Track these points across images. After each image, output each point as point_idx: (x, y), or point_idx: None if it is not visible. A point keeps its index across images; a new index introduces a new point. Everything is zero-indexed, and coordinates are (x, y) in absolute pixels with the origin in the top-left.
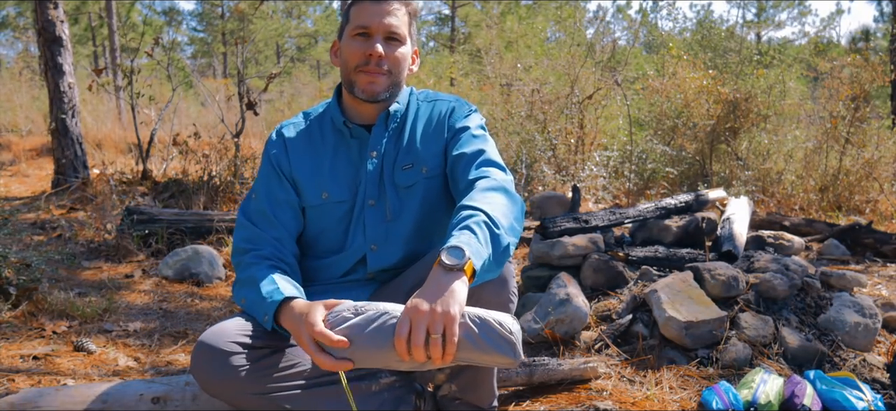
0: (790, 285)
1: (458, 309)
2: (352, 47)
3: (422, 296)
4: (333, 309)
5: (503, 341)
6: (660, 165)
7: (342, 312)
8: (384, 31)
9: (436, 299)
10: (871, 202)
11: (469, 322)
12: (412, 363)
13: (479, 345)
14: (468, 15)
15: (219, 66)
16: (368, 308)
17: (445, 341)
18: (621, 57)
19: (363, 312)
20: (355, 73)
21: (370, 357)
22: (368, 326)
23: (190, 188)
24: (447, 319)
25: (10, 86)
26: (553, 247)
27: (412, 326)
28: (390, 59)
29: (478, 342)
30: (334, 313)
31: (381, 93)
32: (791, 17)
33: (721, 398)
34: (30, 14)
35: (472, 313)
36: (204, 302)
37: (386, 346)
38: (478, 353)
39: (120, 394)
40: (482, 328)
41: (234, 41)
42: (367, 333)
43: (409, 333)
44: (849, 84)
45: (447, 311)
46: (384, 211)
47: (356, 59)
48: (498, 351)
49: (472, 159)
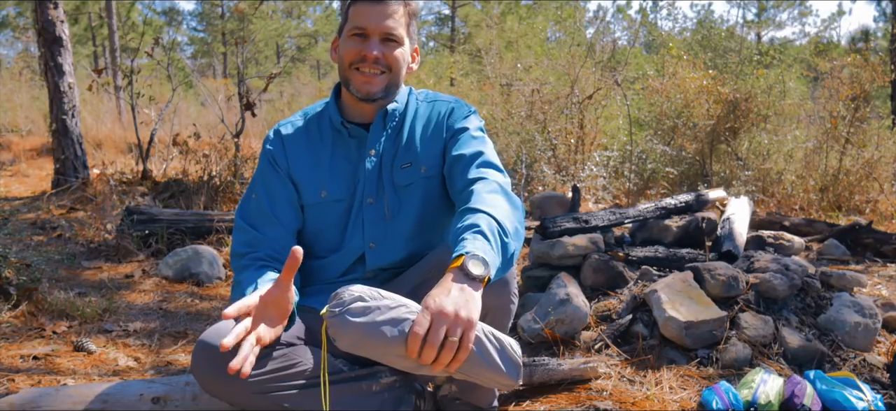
0: (790, 285)
1: (477, 318)
2: (348, 46)
3: (445, 298)
4: (349, 288)
5: (512, 363)
6: (660, 165)
7: (356, 292)
8: (381, 32)
9: (459, 304)
10: (871, 202)
11: (484, 337)
12: (410, 363)
13: (488, 361)
14: (468, 15)
15: (219, 66)
16: (384, 295)
17: (460, 347)
18: (621, 57)
19: (378, 297)
20: (350, 70)
21: (373, 346)
22: (384, 313)
23: (190, 188)
24: (467, 325)
25: (10, 86)
26: (553, 247)
27: (433, 326)
28: (387, 60)
29: (488, 357)
30: (346, 292)
31: (376, 93)
32: (791, 18)
33: (721, 398)
34: (30, 14)
35: (486, 329)
36: (204, 302)
37: (396, 339)
38: (484, 368)
39: (120, 394)
40: (495, 346)
41: (234, 41)
42: (381, 320)
43: (428, 331)
44: (849, 84)
45: (469, 318)
46: (383, 209)
47: (351, 58)
48: (505, 371)
49: (471, 160)
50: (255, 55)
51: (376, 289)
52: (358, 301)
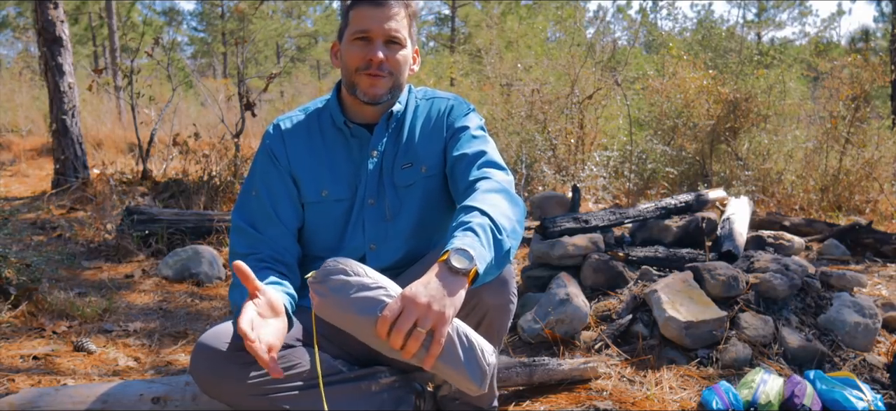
0: (790, 285)
1: (452, 314)
2: (352, 51)
3: (422, 288)
4: (335, 259)
5: (478, 368)
6: (660, 165)
7: (342, 265)
8: (384, 35)
9: (434, 296)
10: (871, 202)
11: (455, 336)
12: (383, 344)
13: (453, 360)
14: (468, 15)
15: (219, 66)
16: (369, 274)
17: (431, 341)
18: (621, 57)
19: (361, 275)
20: (357, 75)
21: (348, 320)
22: (361, 291)
23: (190, 188)
24: (439, 319)
25: (10, 86)
26: (553, 247)
27: (402, 312)
28: (391, 63)
29: (455, 356)
30: (333, 263)
31: (382, 95)
32: (791, 18)
33: (721, 398)
34: (30, 14)
35: (461, 329)
36: (204, 302)
37: (368, 317)
38: (449, 367)
39: (120, 394)
40: (464, 346)
41: (234, 41)
42: (356, 297)
43: (397, 318)
44: (849, 84)
45: (441, 312)
46: (383, 210)
47: (356, 63)
48: (469, 375)
49: (473, 160)
50: (255, 55)
51: (364, 266)
52: (340, 274)
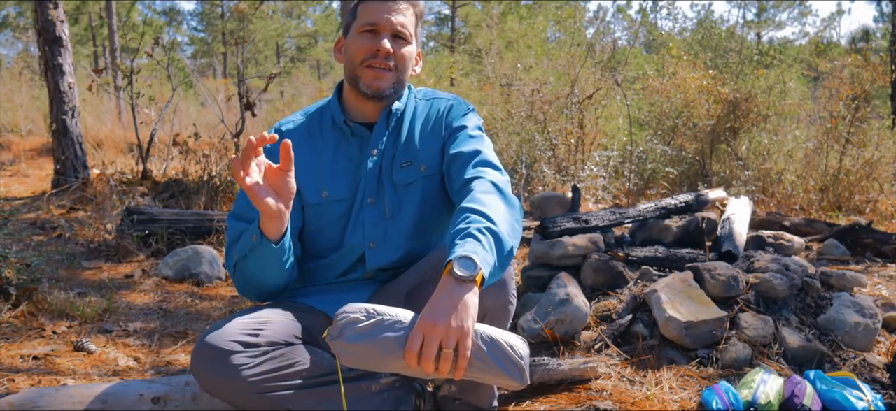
0: (790, 285)
1: (472, 325)
2: (359, 43)
3: (435, 310)
4: (344, 309)
5: (512, 364)
6: (660, 165)
7: (353, 314)
8: (392, 28)
9: (449, 313)
10: (871, 202)
11: (479, 341)
12: (419, 371)
13: (486, 364)
14: (468, 15)
15: (219, 66)
16: (380, 311)
17: (458, 355)
18: (621, 57)
19: (373, 316)
20: (361, 67)
21: (376, 362)
22: (379, 333)
23: (190, 188)
24: (461, 334)
25: (10, 86)
26: (553, 247)
27: (425, 340)
28: (396, 57)
29: (486, 361)
30: (344, 314)
31: (385, 89)
32: (791, 18)
33: (721, 398)
34: (30, 14)
35: (482, 332)
36: (204, 302)
37: (393, 356)
38: (484, 372)
39: (120, 394)
40: (491, 347)
41: (234, 41)
42: (377, 340)
43: (422, 346)
44: (849, 84)
45: (461, 326)
46: (383, 209)
47: (363, 54)
48: (505, 373)
49: (469, 159)
50: (255, 55)
51: (373, 305)
52: (352, 324)
